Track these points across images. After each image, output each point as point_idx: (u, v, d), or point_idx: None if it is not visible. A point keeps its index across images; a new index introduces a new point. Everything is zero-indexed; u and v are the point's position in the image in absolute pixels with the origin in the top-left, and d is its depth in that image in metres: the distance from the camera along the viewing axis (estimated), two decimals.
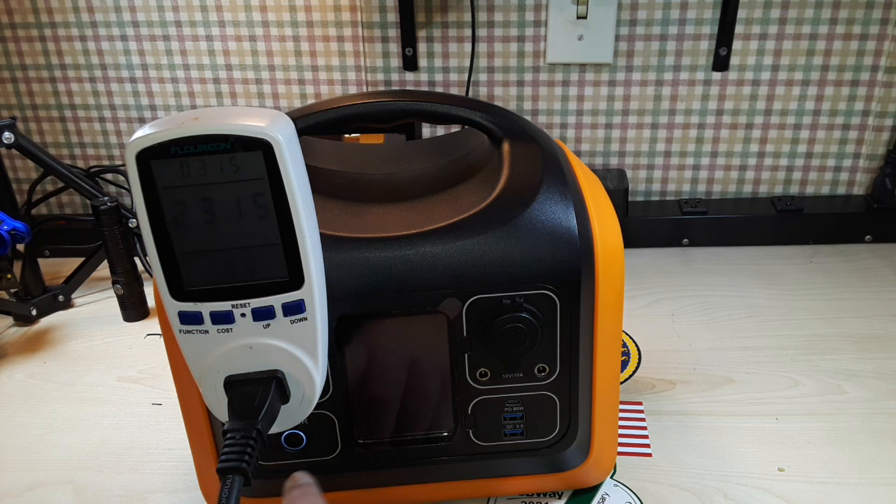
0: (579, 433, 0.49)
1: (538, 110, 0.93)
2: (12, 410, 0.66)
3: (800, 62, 0.88)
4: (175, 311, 0.34)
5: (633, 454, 0.57)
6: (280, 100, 0.96)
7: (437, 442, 0.48)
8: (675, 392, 0.64)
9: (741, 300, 0.79)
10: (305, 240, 0.33)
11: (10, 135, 0.76)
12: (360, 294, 0.43)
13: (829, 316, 0.75)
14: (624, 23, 0.88)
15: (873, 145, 0.92)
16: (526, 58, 0.91)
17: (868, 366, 0.67)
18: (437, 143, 0.58)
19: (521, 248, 0.44)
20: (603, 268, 0.44)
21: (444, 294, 0.44)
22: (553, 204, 0.45)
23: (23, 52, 0.95)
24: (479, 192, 0.47)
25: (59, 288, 0.83)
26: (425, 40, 0.91)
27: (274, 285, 0.34)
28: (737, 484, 0.54)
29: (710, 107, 0.91)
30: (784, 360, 0.68)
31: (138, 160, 0.31)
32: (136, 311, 0.80)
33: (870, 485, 0.53)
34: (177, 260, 0.33)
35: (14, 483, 0.57)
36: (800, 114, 0.91)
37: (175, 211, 0.32)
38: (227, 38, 0.93)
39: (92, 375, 0.71)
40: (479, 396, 0.47)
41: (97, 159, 1.01)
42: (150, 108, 0.98)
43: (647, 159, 0.95)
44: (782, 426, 0.60)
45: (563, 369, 0.47)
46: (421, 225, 0.45)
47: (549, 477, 0.51)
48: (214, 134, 0.31)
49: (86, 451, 0.61)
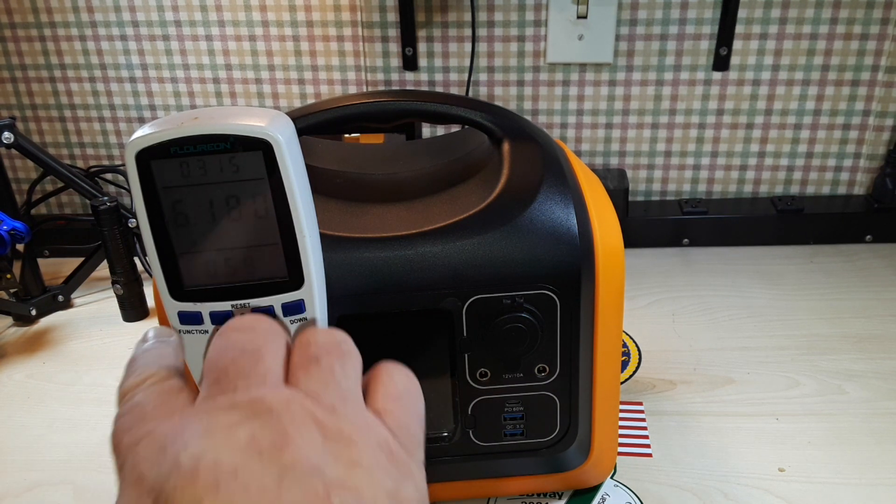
0: (579, 433, 0.49)
1: (538, 110, 0.93)
2: (12, 411, 0.66)
3: (800, 62, 0.88)
4: (175, 311, 0.34)
5: (633, 454, 0.57)
6: (280, 100, 0.96)
7: (437, 442, 0.48)
8: (676, 392, 0.64)
9: (741, 300, 0.79)
10: (305, 240, 0.33)
11: (9, 135, 0.76)
12: (360, 294, 0.43)
13: (829, 316, 0.75)
14: (624, 22, 0.88)
15: (874, 145, 0.92)
16: (526, 57, 0.91)
17: (868, 366, 0.67)
18: (437, 143, 0.58)
19: (522, 248, 0.44)
20: (603, 268, 0.44)
21: (444, 294, 0.44)
22: (553, 204, 0.45)
23: (22, 51, 0.95)
24: (479, 192, 0.47)
25: (58, 288, 0.83)
26: (425, 40, 0.91)
27: (274, 285, 0.34)
28: (737, 484, 0.54)
29: (711, 106, 0.91)
30: (784, 360, 0.68)
31: (138, 160, 0.31)
32: (135, 311, 0.80)
33: (870, 485, 0.53)
34: (176, 260, 0.33)
35: (14, 483, 0.57)
36: (800, 113, 0.91)
37: (175, 211, 0.32)
38: (227, 37, 0.93)
39: (91, 375, 0.71)
40: (479, 396, 0.47)
41: (97, 159, 1.01)
42: (149, 107, 0.98)
43: (647, 159, 0.95)
44: (783, 426, 0.60)
45: (564, 369, 0.47)
46: (421, 225, 0.45)
47: (550, 477, 0.51)
48: (214, 134, 0.31)
49: (86, 451, 0.61)
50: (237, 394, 0.26)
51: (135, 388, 0.28)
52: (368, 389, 0.29)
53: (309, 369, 0.27)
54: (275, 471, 0.23)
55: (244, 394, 0.26)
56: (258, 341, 0.28)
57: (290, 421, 0.25)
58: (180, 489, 0.23)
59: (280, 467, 0.23)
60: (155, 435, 0.25)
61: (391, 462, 0.26)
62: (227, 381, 0.26)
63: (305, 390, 0.26)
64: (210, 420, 0.25)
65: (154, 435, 0.25)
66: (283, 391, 0.26)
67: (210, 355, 0.28)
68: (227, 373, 0.26)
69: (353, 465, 0.24)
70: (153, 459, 0.24)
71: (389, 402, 0.28)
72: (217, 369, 0.27)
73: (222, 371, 0.27)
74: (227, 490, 0.22)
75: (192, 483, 0.23)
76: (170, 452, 0.24)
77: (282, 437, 0.24)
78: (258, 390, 0.26)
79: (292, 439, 0.24)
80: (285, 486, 0.23)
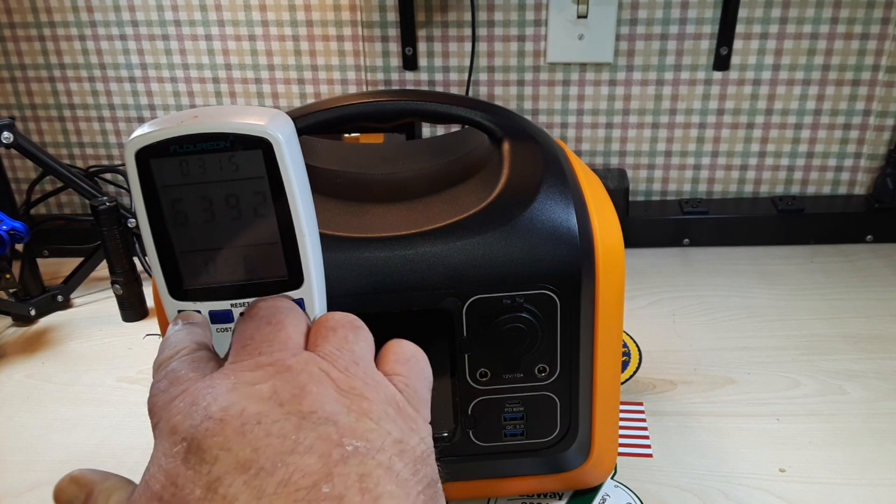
0: (580, 434, 0.49)
1: (538, 110, 0.93)
2: (11, 410, 0.66)
3: (801, 61, 0.88)
4: (175, 310, 0.34)
5: (633, 455, 0.57)
6: (280, 100, 0.96)
7: (437, 442, 0.48)
8: (676, 392, 0.64)
9: (742, 300, 0.79)
10: (305, 239, 0.33)
11: (9, 134, 0.76)
12: (360, 294, 0.43)
13: (829, 316, 0.75)
14: (624, 22, 0.88)
15: (874, 145, 0.92)
16: (526, 57, 0.91)
17: (869, 366, 0.67)
18: (437, 142, 0.58)
19: (522, 247, 0.43)
20: (603, 268, 0.44)
21: (444, 294, 0.44)
22: (553, 204, 0.45)
23: (22, 51, 0.95)
24: (479, 192, 0.47)
25: (58, 288, 0.83)
26: (425, 40, 0.91)
27: (273, 284, 0.34)
28: (738, 484, 0.54)
29: (711, 106, 0.91)
30: (785, 360, 0.68)
31: (137, 159, 0.31)
32: (135, 311, 0.80)
33: (871, 485, 0.53)
34: (176, 259, 0.33)
35: (14, 483, 0.57)
36: (801, 113, 0.91)
37: (174, 210, 0.32)
38: (227, 37, 0.93)
39: (91, 376, 0.71)
40: (479, 397, 0.47)
41: (96, 159, 1.01)
42: (149, 107, 0.97)
43: (647, 159, 0.95)
44: (783, 426, 0.60)
45: (564, 369, 0.46)
46: (421, 225, 0.44)
47: (550, 477, 0.51)
48: (214, 132, 0.31)
49: (85, 452, 0.60)
50: (261, 357, 0.29)
51: (169, 359, 0.30)
52: (379, 357, 0.32)
53: (326, 336, 0.30)
54: (294, 419, 0.26)
55: (267, 357, 0.29)
56: (280, 315, 0.31)
57: (308, 377, 0.28)
58: (210, 435, 0.26)
59: (298, 416, 0.26)
60: (188, 392, 0.28)
61: (399, 415, 0.29)
62: (252, 347, 0.29)
63: (322, 354, 0.29)
64: (237, 378, 0.28)
65: (187, 392, 0.28)
66: (303, 354, 0.29)
67: (237, 329, 0.31)
68: (252, 339, 0.30)
69: (363, 416, 0.27)
70: (186, 412, 0.27)
71: (398, 366, 0.31)
72: (243, 338, 0.30)
73: (248, 338, 0.30)
74: (252, 434, 0.25)
75: (221, 429, 0.26)
76: (200, 405, 0.27)
77: (300, 390, 0.27)
78: (280, 353, 0.29)
79: (310, 392, 0.27)
80: (303, 431, 0.26)
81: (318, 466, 0.25)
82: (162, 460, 0.26)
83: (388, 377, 0.30)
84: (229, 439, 0.25)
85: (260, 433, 0.26)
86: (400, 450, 0.27)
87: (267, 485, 0.24)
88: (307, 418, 0.26)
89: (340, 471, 0.25)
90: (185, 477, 0.25)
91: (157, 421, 0.28)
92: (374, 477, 0.26)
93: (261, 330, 0.30)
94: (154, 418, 0.28)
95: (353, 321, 0.32)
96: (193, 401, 0.27)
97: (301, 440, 0.26)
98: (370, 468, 0.26)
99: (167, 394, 0.28)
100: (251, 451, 0.25)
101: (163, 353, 0.31)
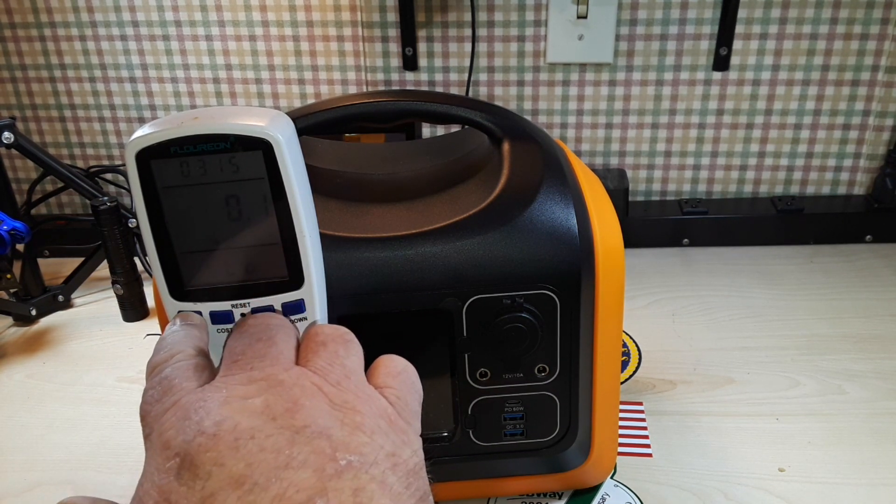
0: (579, 433, 0.49)
1: (538, 110, 0.93)
2: (12, 410, 0.66)
3: (800, 62, 0.88)
4: (175, 310, 0.34)
5: (633, 454, 0.57)
6: (280, 100, 0.96)
7: (437, 442, 0.48)
8: (676, 392, 0.64)
9: (741, 300, 0.79)
10: (305, 239, 0.33)
11: (9, 135, 0.76)
12: (360, 294, 0.43)
13: (829, 316, 0.75)
14: (624, 22, 0.88)
15: (874, 145, 0.92)
16: (526, 57, 0.91)
17: (868, 366, 0.67)
18: (437, 143, 0.58)
19: (522, 248, 0.44)
20: (603, 268, 0.44)
21: (444, 294, 0.44)
22: (553, 204, 0.45)
23: (22, 51, 0.95)
24: (479, 192, 0.47)
25: (58, 288, 0.83)
26: (425, 40, 0.91)
27: (274, 285, 0.34)
28: (737, 484, 0.54)
29: (711, 106, 0.91)
30: (784, 360, 0.68)
31: (138, 160, 0.31)
32: (135, 311, 0.80)
33: (870, 485, 0.53)
34: (176, 260, 0.33)
35: (14, 483, 0.57)
36: (800, 113, 0.91)
37: (175, 210, 0.32)
38: (227, 37, 0.93)
39: (91, 375, 0.71)
40: (479, 396, 0.47)
41: (97, 159, 1.01)
42: (149, 107, 0.98)
43: (647, 159, 0.95)
44: (783, 426, 0.60)
45: (564, 369, 0.47)
46: (421, 225, 0.45)
47: (550, 477, 0.51)
48: (214, 133, 0.31)
49: (85, 452, 0.61)
50: (253, 372, 0.29)
51: (163, 363, 0.30)
52: (370, 372, 0.32)
53: (317, 351, 0.31)
54: (287, 433, 0.26)
55: (259, 371, 0.29)
56: (271, 332, 0.31)
57: (300, 391, 0.28)
58: (204, 450, 0.25)
59: (292, 430, 0.26)
60: (180, 405, 0.27)
61: (391, 428, 0.29)
62: (244, 362, 0.29)
63: (313, 368, 0.29)
64: (229, 392, 0.28)
65: (179, 405, 0.28)
66: (294, 369, 0.29)
67: (229, 344, 0.31)
68: (244, 355, 0.30)
69: (357, 430, 0.27)
70: (178, 426, 0.27)
71: (389, 379, 0.31)
72: (235, 353, 0.30)
73: (240, 353, 0.30)
74: (245, 449, 0.25)
75: (214, 444, 0.25)
76: (193, 420, 0.26)
77: (293, 404, 0.27)
78: (272, 368, 0.29)
79: (302, 406, 0.27)
80: (297, 446, 0.26)
81: (313, 481, 0.25)
82: (155, 476, 0.26)
83: (378, 390, 0.31)
84: (223, 454, 0.25)
85: (253, 448, 0.25)
86: (393, 463, 0.27)
87: (261, 500, 0.24)
88: (301, 433, 0.26)
89: (335, 485, 0.25)
90: (178, 493, 0.25)
91: (148, 432, 0.28)
92: (368, 491, 0.26)
93: (252, 346, 0.30)
94: (146, 428, 0.28)
95: (343, 335, 0.32)
96: (185, 415, 0.27)
97: (295, 455, 0.25)
98: (364, 482, 0.26)
99: (160, 404, 0.28)
100: (245, 467, 0.25)
101: (158, 355, 0.31)
